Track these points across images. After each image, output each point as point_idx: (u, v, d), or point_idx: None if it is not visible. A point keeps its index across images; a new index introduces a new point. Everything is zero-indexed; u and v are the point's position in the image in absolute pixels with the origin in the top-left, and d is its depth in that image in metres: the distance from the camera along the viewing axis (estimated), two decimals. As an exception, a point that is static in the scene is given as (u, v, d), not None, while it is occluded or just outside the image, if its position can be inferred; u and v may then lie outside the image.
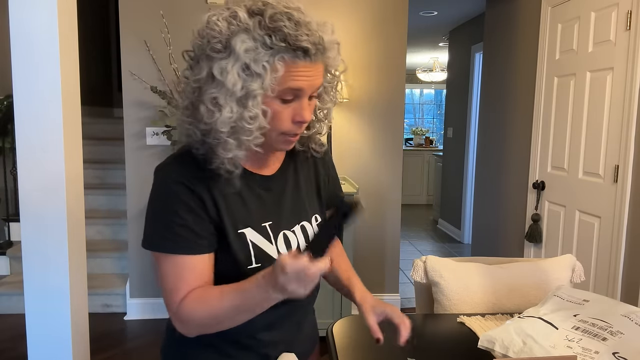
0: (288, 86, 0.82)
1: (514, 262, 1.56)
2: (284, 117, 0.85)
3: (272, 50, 0.79)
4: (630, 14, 2.19)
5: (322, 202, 1.08)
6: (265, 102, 0.82)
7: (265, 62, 0.79)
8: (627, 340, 0.99)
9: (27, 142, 1.84)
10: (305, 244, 0.97)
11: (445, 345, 1.14)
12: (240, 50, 0.78)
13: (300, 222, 1.00)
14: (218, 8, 0.85)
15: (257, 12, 0.80)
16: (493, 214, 3.64)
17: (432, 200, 6.98)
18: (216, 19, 0.83)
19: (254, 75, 0.79)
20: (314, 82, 0.85)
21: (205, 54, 0.82)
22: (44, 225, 1.88)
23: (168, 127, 2.78)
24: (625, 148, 2.22)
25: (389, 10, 3.07)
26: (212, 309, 0.85)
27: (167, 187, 0.87)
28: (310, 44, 0.80)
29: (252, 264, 0.91)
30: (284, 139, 0.89)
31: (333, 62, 0.88)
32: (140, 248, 3.22)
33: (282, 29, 0.78)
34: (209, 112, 0.81)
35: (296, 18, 0.80)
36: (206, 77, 0.81)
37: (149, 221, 0.89)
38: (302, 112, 0.85)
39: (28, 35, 1.79)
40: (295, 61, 0.80)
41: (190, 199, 0.86)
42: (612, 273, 2.32)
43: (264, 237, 0.93)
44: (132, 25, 2.89)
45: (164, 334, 1.09)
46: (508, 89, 3.38)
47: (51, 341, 1.94)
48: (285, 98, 0.83)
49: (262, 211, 0.94)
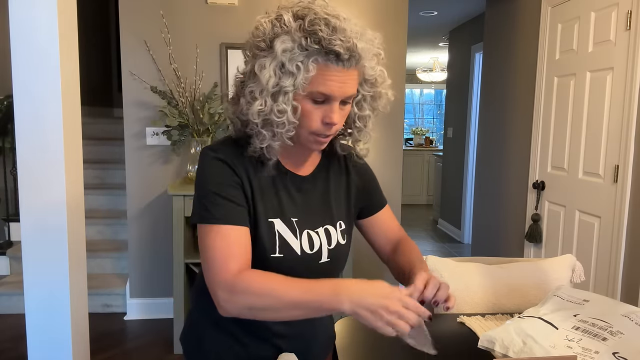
0: (318, 89, 0.87)
1: (514, 262, 1.56)
2: (314, 117, 0.90)
3: (307, 52, 0.85)
4: (630, 14, 2.19)
5: (350, 209, 1.11)
6: (296, 99, 0.88)
7: (299, 62, 0.85)
8: (627, 340, 0.99)
9: (27, 142, 1.84)
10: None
11: (445, 345, 1.14)
12: (278, 50, 0.84)
13: (325, 225, 1.04)
14: (270, 11, 0.91)
15: (300, 16, 0.86)
16: (493, 214, 3.64)
17: (432, 200, 6.98)
18: (263, 21, 0.88)
19: (287, 73, 0.85)
20: (345, 88, 0.89)
21: (252, 52, 0.90)
22: (44, 225, 1.88)
23: (168, 127, 2.78)
24: (625, 148, 2.22)
25: (389, 10, 3.07)
26: (272, 291, 0.85)
27: (212, 165, 0.93)
28: (343, 49, 0.84)
29: (276, 253, 0.96)
30: (315, 139, 0.94)
31: (370, 72, 0.92)
32: (140, 248, 3.20)
33: (317, 33, 0.84)
34: (247, 104, 0.89)
35: (333, 24, 0.85)
36: (249, 72, 0.90)
37: (197, 198, 0.95)
38: (331, 115, 0.90)
39: (28, 35, 1.79)
40: (328, 65, 0.86)
41: (233, 176, 0.93)
42: (612, 273, 2.32)
43: (291, 231, 0.98)
44: (132, 25, 2.89)
45: (185, 323, 1.14)
46: (508, 89, 3.38)
47: (51, 341, 1.94)
48: (317, 99, 0.89)
49: (292, 207, 1.00)
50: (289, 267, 0.97)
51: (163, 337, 2.87)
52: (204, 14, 2.93)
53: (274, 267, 0.94)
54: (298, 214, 1.00)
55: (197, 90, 2.85)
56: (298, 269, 0.98)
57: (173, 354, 2.68)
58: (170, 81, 2.84)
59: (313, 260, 1.01)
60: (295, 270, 0.97)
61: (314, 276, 0.98)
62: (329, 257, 1.03)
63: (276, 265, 0.96)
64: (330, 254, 1.04)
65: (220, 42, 2.94)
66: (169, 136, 2.79)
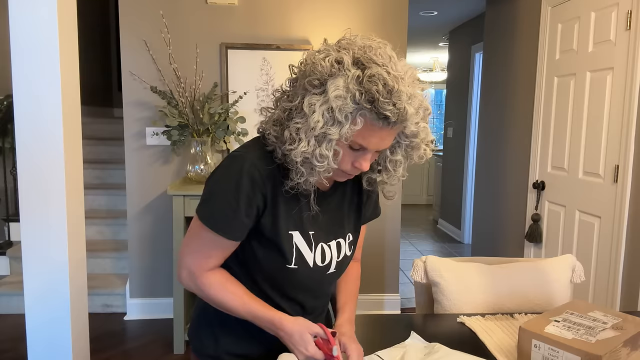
0: (358, 141, 0.89)
1: (514, 262, 1.56)
2: (346, 160, 0.93)
3: (358, 105, 0.85)
4: (630, 14, 2.19)
5: (359, 220, 1.15)
6: (337, 144, 0.90)
7: (348, 113, 0.85)
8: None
9: (27, 142, 1.84)
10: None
11: (445, 345, 1.14)
12: (331, 95, 0.84)
13: (337, 238, 1.08)
14: (330, 46, 0.91)
15: (360, 64, 0.85)
16: (493, 214, 3.64)
17: (432, 200, 6.98)
18: (323, 57, 0.88)
19: (335, 120, 0.86)
20: (384, 144, 0.92)
21: (303, 83, 0.89)
22: (44, 225, 1.88)
23: (168, 127, 2.78)
24: (625, 148, 2.22)
25: (389, 10, 3.07)
26: (223, 304, 1.00)
27: (239, 174, 0.93)
28: (392, 114, 0.84)
29: (291, 265, 1.00)
30: (341, 174, 0.98)
31: (412, 128, 0.92)
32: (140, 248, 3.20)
33: (373, 93, 0.83)
34: (291, 139, 0.90)
35: (390, 86, 0.83)
36: (297, 105, 0.90)
37: (210, 193, 0.97)
38: (362, 162, 0.94)
39: (28, 35, 1.79)
40: (374, 123, 0.87)
41: (255, 193, 0.94)
42: (612, 273, 2.32)
43: (307, 244, 1.02)
44: (132, 25, 2.89)
45: (194, 318, 1.18)
46: (508, 89, 3.38)
47: (51, 341, 1.94)
48: (353, 147, 0.92)
49: (310, 220, 1.03)
50: (301, 277, 1.03)
51: (163, 337, 2.87)
52: (204, 14, 2.93)
53: (289, 276, 1.02)
54: (315, 228, 1.03)
55: (197, 90, 2.85)
56: (308, 279, 1.05)
57: (173, 354, 2.68)
58: (170, 81, 2.84)
59: (322, 272, 1.06)
60: (305, 280, 1.05)
61: (320, 285, 1.09)
62: (335, 268, 1.09)
63: (290, 274, 1.02)
64: (337, 265, 1.09)
65: (220, 42, 2.94)
66: (169, 136, 2.79)
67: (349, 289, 1.18)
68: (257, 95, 3.00)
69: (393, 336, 1.20)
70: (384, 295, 3.28)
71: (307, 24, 2.99)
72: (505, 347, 1.18)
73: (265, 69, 2.98)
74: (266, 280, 1.04)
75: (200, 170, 2.75)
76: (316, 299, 1.12)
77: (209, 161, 2.78)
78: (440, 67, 7.46)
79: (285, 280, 1.03)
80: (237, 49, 2.94)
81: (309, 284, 1.06)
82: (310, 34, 2.99)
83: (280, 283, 1.04)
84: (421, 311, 1.57)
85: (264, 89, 2.99)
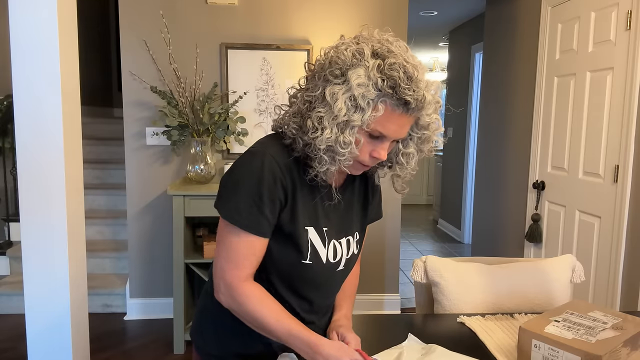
0: (377, 128, 0.92)
1: (514, 262, 1.56)
2: (364, 149, 0.96)
3: (380, 92, 0.89)
4: (630, 13, 2.19)
5: (365, 219, 1.17)
6: (358, 132, 0.93)
7: (370, 99, 0.89)
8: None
9: (27, 142, 1.84)
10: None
11: (445, 345, 1.14)
12: (354, 83, 0.88)
13: (347, 235, 1.11)
14: (350, 39, 0.95)
15: (380, 55, 0.90)
16: (493, 214, 3.64)
17: (432, 200, 6.98)
18: (344, 49, 0.91)
19: (358, 107, 0.89)
20: (402, 131, 0.95)
21: (324, 75, 0.93)
22: (44, 225, 1.88)
23: (168, 127, 2.78)
24: (625, 148, 2.22)
25: (389, 10, 3.07)
26: (260, 319, 0.97)
27: (261, 171, 0.94)
28: (413, 99, 0.89)
29: (306, 260, 1.02)
30: (357, 166, 1.00)
31: (426, 118, 0.96)
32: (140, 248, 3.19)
33: (395, 79, 0.87)
34: (314, 128, 0.92)
35: (410, 73, 0.88)
36: (319, 95, 0.92)
37: (232, 191, 0.97)
38: (380, 151, 0.96)
39: (28, 36, 1.79)
40: (394, 109, 0.91)
41: (276, 188, 0.95)
42: (612, 273, 2.32)
43: (321, 240, 1.04)
44: (132, 25, 2.88)
45: (196, 318, 1.18)
46: (508, 89, 3.38)
47: (51, 341, 1.94)
48: (373, 135, 0.94)
49: (324, 216, 1.05)
50: (314, 273, 1.05)
51: (163, 337, 2.87)
52: (204, 14, 2.93)
53: (302, 272, 1.03)
54: (328, 224, 1.05)
55: (197, 90, 2.85)
56: (320, 276, 1.07)
57: (173, 354, 2.68)
58: (170, 81, 2.84)
59: (333, 269, 1.08)
60: (317, 276, 1.06)
61: (330, 282, 1.10)
62: (344, 266, 1.11)
63: (304, 270, 1.03)
64: (346, 262, 1.12)
65: (220, 42, 2.94)
66: (169, 136, 2.79)
67: (347, 288, 1.22)
68: (257, 95, 3.00)
69: (393, 336, 1.20)
70: (383, 295, 3.28)
71: (307, 24, 2.99)
72: (505, 347, 1.18)
73: (265, 69, 2.98)
74: (278, 275, 1.04)
75: (200, 170, 2.75)
76: (325, 298, 1.14)
77: (209, 161, 2.78)
78: (440, 67, 7.46)
79: (297, 276, 1.04)
80: (237, 49, 2.94)
81: (320, 280, 1.07)
82: (310, 34, 2.99)
83: (292, 279, 1.05)
84: (421, 311, 1.57)
85: (264, 89, 2.99)
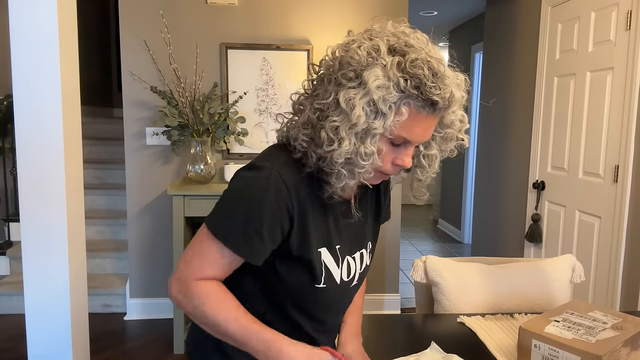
0: (401, 134, 0.81)
1: (514, 262, 1.56)
2: (386, 158, 0.85)
3: (403, 94, 0.77)
4: (630, 13, 2.19)
5: (378, 226, 1.09)
6: (380, 140, 0.81)
7: (392, 103, 0.77)
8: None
9: (27, 142, 1.84)
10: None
11: (445, 345, 1.14)
12: (372, 85, 0.76)
13: (360, 249, 1.02)
14: (360, 35, 0.83)
15: (399, 51, 0.78)
16: (493, 214, 3.64)
17: (432, 200, 6.97)
18: (357, 47, 0.79)
19: (378, 113, 0.78)
20: (427, 134, 0.84)
21: (334, 78, 0.81)
22: (44, 225, 1.88)
23: (168, 127, 2.78)
24: (625, 148, 2.22)
25: (389, 10, 3.07)
26: (215, 322, 0.86)
27: (264, 190, 0.84)
28: (441, 98, 0.78)
29: (320, 284, 0.92)
30: (378, 176, 0.89)
31: (450, 117, 0.86)
32: (140, 248, 3.18)
33: (420, 77, 0.76)
34: (329, 140, 0.80)
35: (435, 69, 0.77)
36: (332, 102, 0.80)
37: (229, 207, 0.86)
38: (404, 158, 0.85)
39: (28, 35, 1.79)
40: (420, 111, 0.79)
41: (279, 211, 0.84)
42: (612, 273, 2.32)
43: (334, 260, 0.94)
44: (132, 25, 2.88)
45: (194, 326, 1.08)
46: (508, 89, 3.38)
47: (51, 341, 1.94)
48: (396, 142, 0.83)
49: (336, 234, 0.95)
50: (327, 295, 0.96)
51: (163, 337, 2.87)
52: (204, 14, 2.93)
53: (314, 295, 0.94)
54: (341, 241, 0.96)
55: (197, 90, 2.85)
56: (334, 296, 0.98)
57: (173, 354, 2.68)
58: (170, 81, 2.84)
59: (347, 286, 1.00)
60: (332, 297, 0.97)
61: (343, 299, 1.01)
62: (358, 280, 1.03)
63: (316, 294, 0.94)
64: (359, 276, 1.03)
65: (220, 42, 2.94)
66: (169, 136, 2.79)
67: (356, 299, 1.12)
68: (257, 95, 3.00)
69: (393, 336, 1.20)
70: (384, 295, 3.28)
71: (307, 24, 2.99)
72: (505, 347, 1.18)
73: (265, 69, 2.98)
74: (288, 299, 0.95)
75: (200, 170, 2.75)
76: (337, 315, 1.06)
77: (209, 161, 2.78)
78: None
79: (310, 299, 0.95)
80: (237, 49, 2.94)
81: (333, 300, 0.99)
82: (310, 34, 2.99)
83: (304, 302, 0.96)
84: (421, 311, 1.57)
85: (264, 89, 2.99)
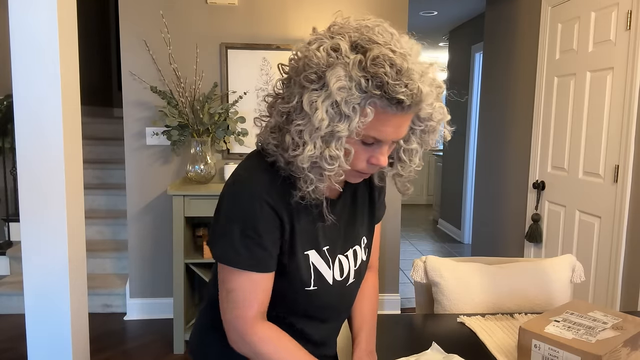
0: (371, 134, 0.79)
1: (514, 262, 1.56)
2: (360, 158, 0.83)
3: (366, 94, 0.75)
4: (630, 13, 2.19)
5: (372, 221, 1.07)
6: (347, 142, 0.80)
7: (356, 104, 0.75)
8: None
9: (27, 142, 1.84)
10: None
11: (445, 345, 1.14)
12: (333, 87, 0.74)
13: (353, 246, 1.01)
14: (322, 33, 0.81)
15: (360, 49, 0.76)
16: (493, 214, 3.64)
17: (432, 200, 6.98)
18: (316, 48, 0.78)
19: (342, 115, 0.76)
20: (400, 131, 0.82)
21: (299, 80, 0.79)
22: (44, 225, 1.88)
23: (168, 127, 2.78)
24: (625, 148, 2.22)
25: (389, 10, 3.07)
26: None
27: (251, 203, 0.84)
28: (406, 96, 0.75)
29: (311, 286, 0.92)
30: (356, 174, 0.88)
31: (428, 109, 0.83)
32: (140, 248, 3.18)
33: (381, 76, 0.73)
34: (294, 144, 0.79)
35: (399, 65, 0.74)
36: (296, 105, 0.79)
37: (223, 232, 0.86)
38: (379, 157, 0.83)
39: (28, 35, 1.79)
40: (387, 110, 0.77)
41: (271, 218, 0.85)
42: (612, 273, 2.32)
43: (324, 261, 0.94)
44: (132, 25, 2.88)
45: (195, 335, 1.09)
46: (508, 89, 3.38)
47: (51, 341, 1.94)
48: (367, 142, 0.81)
49: (324, 235, 0.94)
50: (321, 297, 0.95)
51: (163, 337, 2.87)
52: (204, 14, 2.93)
53: (308, 298, 0.94)
54: (330, 242, 0.95)
55: (197, 90, 2.85)
56: (329, 297, 0.97)
57: (173, 354, 2.68)
58: (170, 81, 2.84)
59: (342, 286, 0.99)
60: (326, 298, 0.96)
61: (342, 299, 1.00)
62: (354, 278, 1.02)
63: (310, 297, 0.94)
64: (355, 274, 1.02)
65: (220, 42, 2.94)
66: (169, 136, 2.79)
67: (364, 310, 1.08)
68: (257, 95, 3.00)
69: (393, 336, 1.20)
70: (384, 295, 3.28)
71: (307, 24, 2.99)
72: (505, 347, 1.18)
73: (265, 69, 2.98)
74: (284, 305, 0.95)
75: (200, 170, 2.75)
76: (339, 314, 1.05)
77: (209, 161, 2.78)
78: (440, 67, 7.45)
79: (305, 302, 0.95)
80: (237, 49, 2.94)
81: (330, 301, 0.98)
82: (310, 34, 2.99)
83: (297, 305, 0.96)
84: (421, 311, 1.57)
85: (264, 89, 2.99)
